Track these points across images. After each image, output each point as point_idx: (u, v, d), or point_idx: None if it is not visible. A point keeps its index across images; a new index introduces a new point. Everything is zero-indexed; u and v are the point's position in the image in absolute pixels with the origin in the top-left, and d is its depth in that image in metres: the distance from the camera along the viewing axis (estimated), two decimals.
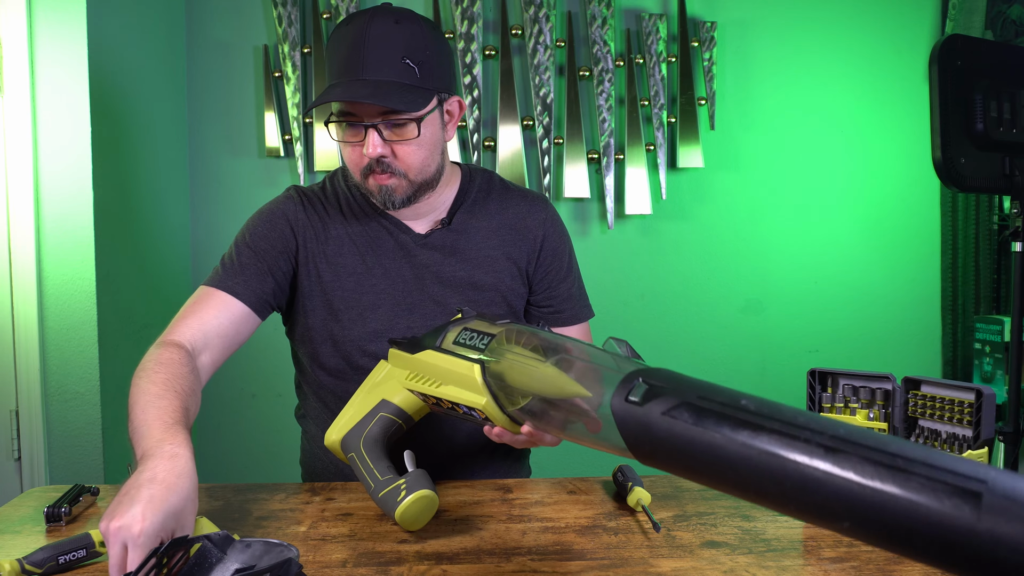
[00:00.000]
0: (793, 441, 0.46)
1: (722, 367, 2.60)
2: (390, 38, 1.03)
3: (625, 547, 0.85)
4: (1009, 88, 1.67)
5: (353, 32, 1.03)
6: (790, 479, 0.45)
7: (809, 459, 0.45)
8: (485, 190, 1.21)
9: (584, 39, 2.46)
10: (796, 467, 0.45)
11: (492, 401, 0.83)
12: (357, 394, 1.01)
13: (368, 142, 1.04)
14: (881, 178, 2.64)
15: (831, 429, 0.46)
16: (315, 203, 1.16)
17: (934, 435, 0.85)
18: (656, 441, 0.54)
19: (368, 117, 1.03)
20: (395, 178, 1.07)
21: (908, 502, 0.41)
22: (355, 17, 1.05)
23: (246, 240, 1.13)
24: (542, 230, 1.21)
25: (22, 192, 1.72)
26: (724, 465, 0.49)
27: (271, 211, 1.15)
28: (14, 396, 1.74)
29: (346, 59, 1.03)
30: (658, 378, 0.58)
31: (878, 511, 0.42)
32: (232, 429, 2.42)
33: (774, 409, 0.49)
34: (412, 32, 1.04)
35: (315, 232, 1.14)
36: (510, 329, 0.85)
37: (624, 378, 0.60)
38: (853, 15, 2.60)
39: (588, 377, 0.66)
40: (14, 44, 1.71)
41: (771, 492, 0.47)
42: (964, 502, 0.39)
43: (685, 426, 0.52)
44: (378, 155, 1.04)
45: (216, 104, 2.39)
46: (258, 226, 1.14)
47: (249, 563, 0.68)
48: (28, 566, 0.77)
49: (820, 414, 0.48)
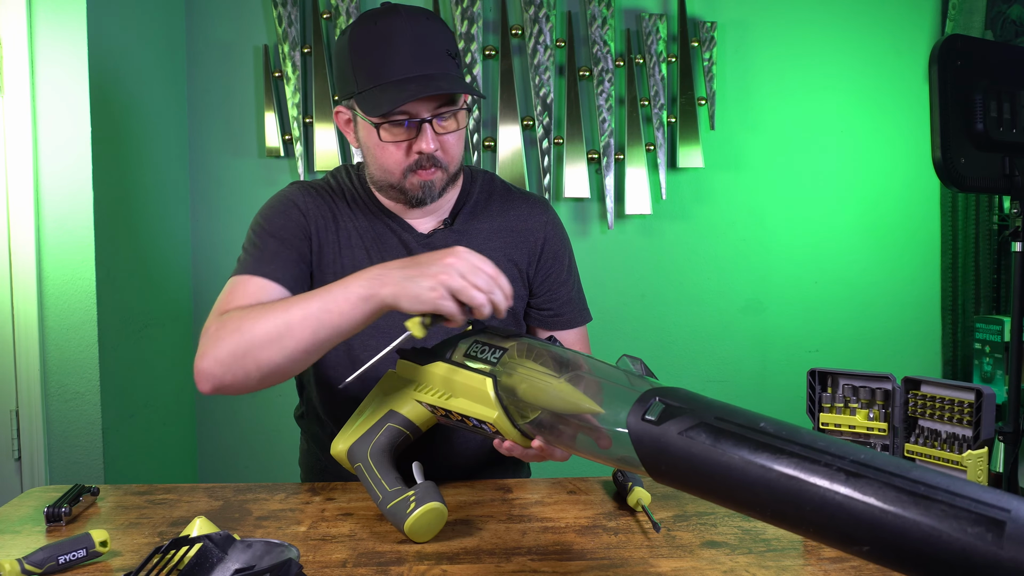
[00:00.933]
0: (814, 465, 0.46)
1: (722, 367, 2.60)
2: (432, 34, 1.05)
3: (625, 547, 0.85)
4: (1009, 88, 1.67)
5: (393, 31, 1.03)
6: (810, 502, 0.45)
7: (830, 483, 0.44)
8: (487, 192, 1.21)
9: (584, 39, 2.46)
10: (817, 491, 0.45)
11: (504, 415, 0.82)
12: (365, 404, 1.01)
13: (425, 138, 1.04)
14: (881, 178, 2.64)
15: (852, 454, 0.45)
16: (323, 194, 1.15)
17: (934, 435, 0.85)
18: (672, 461, 0.54)
19: (425, 112, 1.04)
20: (439, 171, 1.08)
21: (930, 528, 0.40)
22: (381, 16, 1.04)
23: (266, 231, 1.10)
24: (543, 233, 1.21)
25: (22, 192, 1.72)
26: (742, 487, 0.49)
27: (281, 201, 1.14)
28: (14, 396, 1.75)
29: (401, 56, 1.02)
30: (675, 398, 0.57)
31: (899, 537, 0.41)
32: (232, 429, 2.42)
33: (793, 432, 0.49)
34: (442, 27, 1.07)
35: (325, 222, 1.13)
36: (521, 343, 0.85)
37: (640, 396, 0.59)
38: (853, 15, 2.59)
39: (601, 394, 0.66)
40: (14, 44, 1.71)
41: (790, 515, 0.47)
42: (987, 530, 0.38)
43: (703, 447, 0.52)
44: (432, 150, 1.05)
45: (216, 104, 2.39)
46: (273, 217, 1.11)
47: (249, 563, 0.68)
48: (28, 566, 0.77)
49: (835, 439, 0.48)
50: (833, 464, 0.45)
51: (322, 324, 0.91)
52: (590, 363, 0.72)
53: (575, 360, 0.74)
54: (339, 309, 0.90)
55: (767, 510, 0.48)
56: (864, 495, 0.43)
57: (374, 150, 1.08)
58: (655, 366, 2.56)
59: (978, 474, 0.81)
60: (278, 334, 0.92)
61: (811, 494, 0.45)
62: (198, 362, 0.95)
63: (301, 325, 0.91)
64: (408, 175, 1.07)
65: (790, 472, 0.46)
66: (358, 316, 0.90)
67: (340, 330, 0.91)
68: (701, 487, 0.53)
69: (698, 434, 0.52)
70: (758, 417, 0.52)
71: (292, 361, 0.94)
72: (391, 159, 1.07)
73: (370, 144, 1.08)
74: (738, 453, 0.49)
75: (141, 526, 0.92)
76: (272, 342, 0.92)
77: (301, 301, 0.93)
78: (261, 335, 0.92)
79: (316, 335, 0.91)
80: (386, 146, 1.06)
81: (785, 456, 0.47)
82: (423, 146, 1.04)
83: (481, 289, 0.84)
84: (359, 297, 0.89)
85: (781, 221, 2.60)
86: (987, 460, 0.82)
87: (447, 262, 0.85)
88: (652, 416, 0.56)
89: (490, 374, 0.84)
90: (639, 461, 0.58)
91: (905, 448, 0.87)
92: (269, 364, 0.93)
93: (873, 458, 0.45)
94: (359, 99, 1.05)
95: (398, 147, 1.06)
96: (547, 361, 0.78)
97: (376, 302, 0.89)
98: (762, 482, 0.48)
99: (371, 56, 1.03)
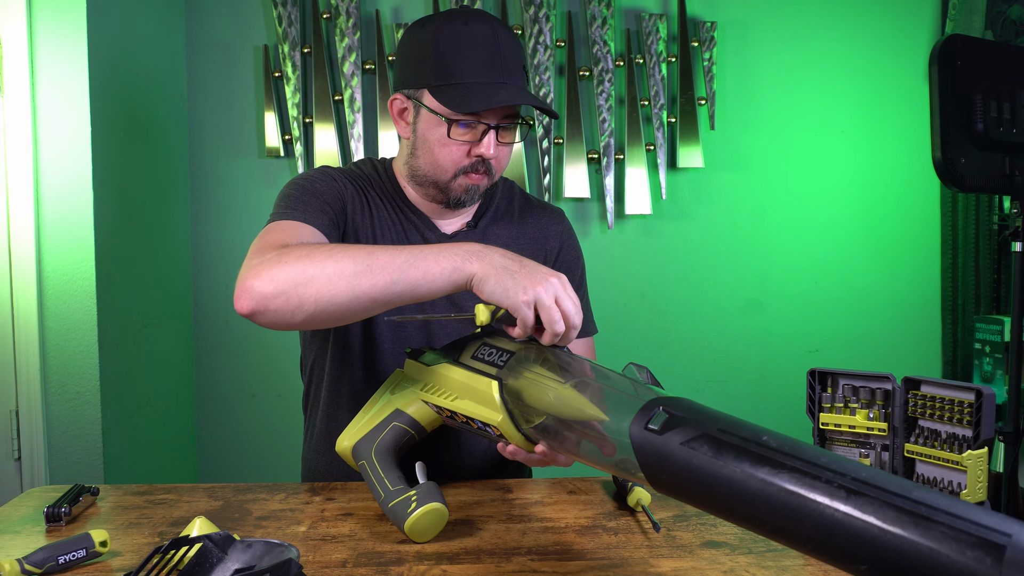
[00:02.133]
0: (815, 481, 0.45)
1: (722, 367, 2.60)
2: (515, 46, 1.09)
3: (625, 547, 0.85)
4: (1009, 88, 1.67)
5: (484, 36, 1.05)
6: (810, 519, 0.45)
7: (830, 500, 0.44)
8: (508, 198, 1.24)
9: (584, 39, 2.46)
10: (817, 507, 0.45)
11: (508, 419, 0.82)
12: (371, 402, 1.01)
13: (488, 143, 1.07)
14: (881, 178, 2.63)
15: (853, 471, 0.45)
16: (355, 179, 1.15)
17: (934, 435, 0.85)
18: (674, 471, 0.54)
19: (494, 119, 1.06)
20: (487, 179, 1.11)
21: (929, 550, 0.40)
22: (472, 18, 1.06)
23: (308, 190, 1.07)
24: (559, 241, 1.24)
25: (22, 192, 1.72)
26: (742, 500, 0.49)
27: (319, 172, 1.12)
28: (14, 396, 1.75)
29: (488, 62, 1.05)
30: (679, 408, 0.57)
31: (898, 557, 0.41)
32: (232, 429, 2.42)
33: (795, 447, 0.49)
34: (520, 42, 1.11)
35: (360, 204, 1.13)
36: (529, 347, 0.85)
37: (644, 405, 0.59)
38: (853, 16, 2.59)
39: (606, 401, 0.66)
40: (14, 44, 1.71)
41: (789, 530, 0.46)
42: (987, 554, 0.38)
43: (704, 458, 0.52)
44: (492, 155, 1.07)
45: (216, 104, 2.39)
46: (316, 180, 1.10)
47: (249, 563, 0.68)
48: (28, 566, 0.77)
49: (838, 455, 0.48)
50: (834, 481, 0.45)
51: (403, 276, 0.86)
52: (596, 369, 0.72)
53: (581, 366, 0.74)
54: (426, 267, 0.86)
55: (766, 524, 0.48)
56: (864, 513, 0.43)
57: (433, 145, 1.09)
58: (655, 366, 2.56)
59: (978, 474, 0.81)
60: (353, 272, 0.87)
61: (811, 510, 0.45)
62: (246, 279, 0.87)
63: (382, 270, 0.87)
64: (459, 176, 1.09)
65: (790, 487, 0.46)
66: (440, 283, 0.86)
67: (417, 289, 0.87)
68: (701, 499, 0.52)
69: (700, 445, 0.52)
70: (761, 431, 0.51)
71: (356, 303, 0.87)
72: (450, 157, 1.08)
73: (431, 139, 1.09)
74: (739, 466, 0.49)
75: (141, 526, 0.92)
76: (344, 277, 0.87)
77: (388, 249, 0.89)
78: (334, 268, 0.87)
79: (393, 286, 0.86)
80: (449, 144, 1.07)
81: (786, 471, 0.47)
82: (485, 151, 1.07)
83: (565, 316, 0.82)
84: (452, 265, 0.86)
85: (781, 221, 2.60)
86: (987, 460, 0.82)
87: (550, 279, 0.83)
88: (655, 425, 0.56)
89: (496, 377, 0.84)
90: (640, 469, 0.58)
91: (905, 448, 0.87)
92: (330, 299, 0.87)
93: (874, 476, 0.44)
94: (436, 92, 1.06)
95: (459, 147, 1.08)
96: (553, 366, 0.78)
97: (464, 276, 0.86)
98: (762, 496, 0.47)
99: (459, 54, 1.05)
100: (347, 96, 2.35)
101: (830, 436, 0.93)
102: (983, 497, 0.81)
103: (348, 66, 2.35)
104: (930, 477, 0.85)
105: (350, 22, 2.34)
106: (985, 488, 0.82)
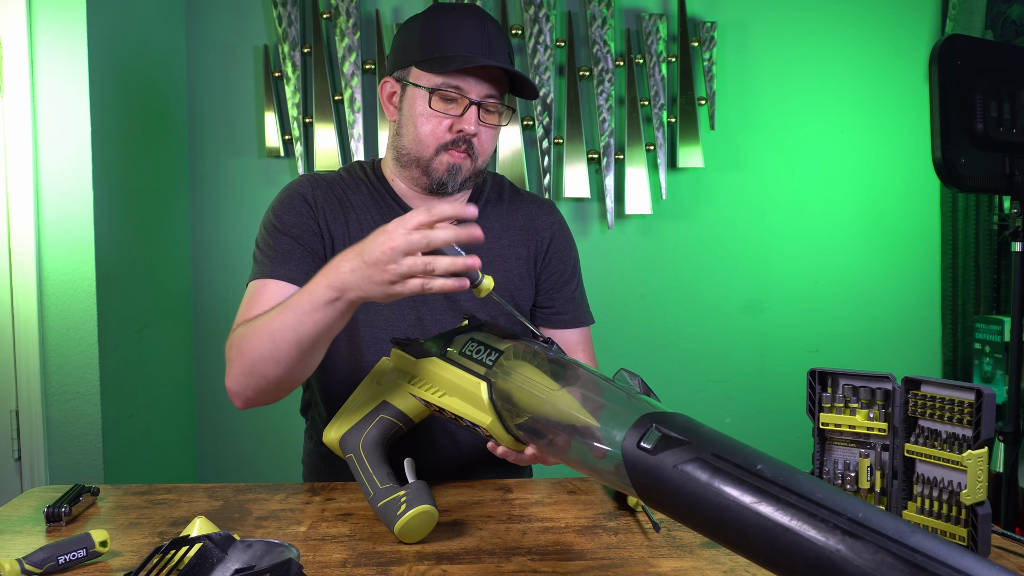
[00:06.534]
0: (811, 519, 0.45)
1: (722, 367, 2.60)
2: (502, 36, 1.11)
3: (625, 547, 0.85)
4: (1009, 88, 1.67)
5: (470, 20, 1.09)
6: (804, 558, 0.45)
7: (826, 540, 0.44)
8: (497, 192, 1.24)
9: (584, 39, 2.46)
10: (812, 547, 0.44)
11: (498, 421, 0.81)
12: (358, 392, 1.01)
13: (469, 118, 1.08)
14: (881, 178, 2.64)
15: (850, 510, 0.45)
16: (333, 186, 1.17)
17: (934, 435, 0.85)
18: (666, 492, 0.53)
19: (476, 95, 1.08)
20: (468, 159, 1.11)
21: None
22: (462, 7, 1.11)
23: (278, 229, 1.11)
24: (550, 232, 1.24)
25: (22, 191, 1.72)
26: (736, 530, 0.49)
27: (288, 196, 1.15)
28: (14, 396, 1.75)
29: (472, 38, 1.08)
30: (672, 425, 0.56)
31: None
32: (232, 429, 2.42)
33: (791, 479, 0.48)
34: (506, 34, 1.13)
35: (335, 213, 1.14)
36: (517, 346, 0.84)
37: (637, 421, 0.58)
38: (853, 15, 2.59)
39: (599, 411, 0.65)
40: (14, 44, 1.71)
41: (782, 565, 0.46)
42: None
43: (697, 484, 0.51)
44: (472, 132, 1.09)
45: (216, 104, 2.39)
46: (283, 213, 1.13)
47: (249, 563, 0.68)
48: (28, 566, 0.77)
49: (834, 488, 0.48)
50: (830, 520, 0.45)
51: (301, 334, 0.91)
52: (587, 375, 0.71)
53: (572, 369, 0.73)
54: (311, 319, 0.90)
55: (760, 556, 0.48)
56: (860, 557, 0.42)
57: (416, 120, 1.11)
58: (655, 366, 2.56)
59: (978, 474, 0.81)
60: (269, 350, 0.94)
61: (806, 549, 0.45)
62: (226, 381, 1.02)
63: (283, 338, 0.92)
64: (440, 152, 1.10)
65: (785, 523, 0.46)
66: (332, 317, 0.90)
67: (321, 335, 0.92)
68: (694, 522, 0.52)
69: (694, 469, 0.52)
70: (756, 457, 0.51)
71: (291, 370, 0.96)
72: (430, 131, 1.10)
73: (413, 113, 1.11)
74: (732, 496, 0.49)
75: (141, 526, 0.92)
76: (267, 359, 0.95)
77: (280, 314, 0.93)
78: (257, 353, 0.95)
79: (300, 345, 0.92)
80: (430, 117, 1.09)
81: (783, 506, 0.47)
82: (466, 126, 1.08)
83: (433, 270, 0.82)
84: (325, 302, 0.89)
85: (781, 221, 2.60)
86: (987, 460, 0.82)
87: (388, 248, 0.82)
88: (648, 444, 0.56)
89: (485, 378, 0.83)
90: (632, 487, 0.57)
91: (905, 448, 0.87)
92: (274, 377, 0.96)
93: (871, 517, 0.44)
94: (421, 65, 1.09)
95: (440, 121, 1.09)
96: (544, 367, 0.77)
97: (344, 303, 0.89)
98: (756, 528, 0.47)
99: (445, 30, 1.09)
100: (347, 96, 2.35)
101: (830, 436, 0.93)
102: (983, 497, 0.81)
103: (348, 66, 2.35)
104: (930, 477, 0.85)
105: (350, 22, 2.34)
106: (985, 488, 0.82)
